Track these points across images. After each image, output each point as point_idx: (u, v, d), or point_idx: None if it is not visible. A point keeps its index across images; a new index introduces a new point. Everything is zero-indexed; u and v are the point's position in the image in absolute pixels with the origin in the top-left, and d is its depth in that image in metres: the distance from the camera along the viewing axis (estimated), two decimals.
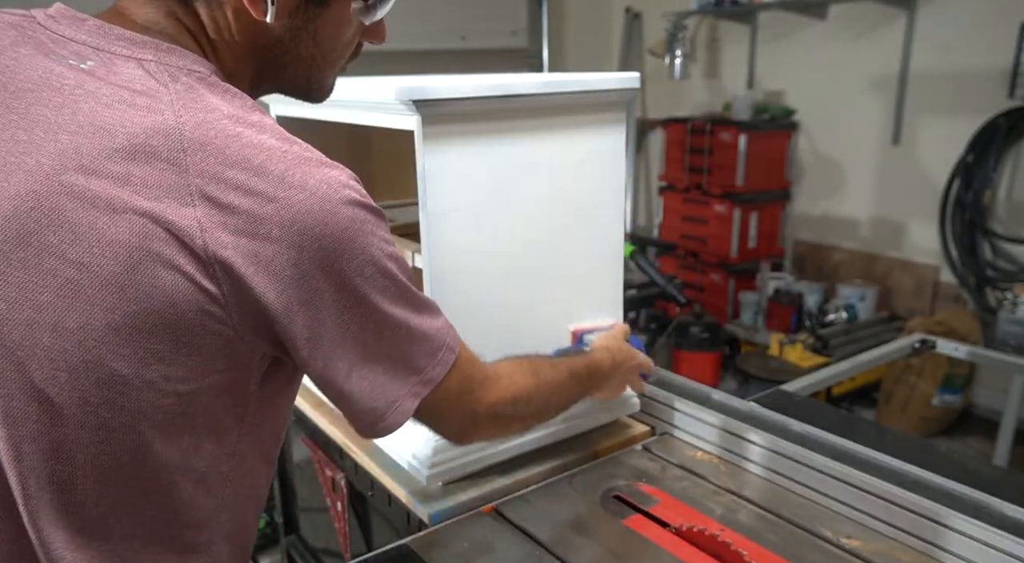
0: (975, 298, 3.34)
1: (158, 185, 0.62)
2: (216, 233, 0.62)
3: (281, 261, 0.64)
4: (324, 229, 0.65)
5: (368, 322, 0.71)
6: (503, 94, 1.04)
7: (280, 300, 0.65)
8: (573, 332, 1.20)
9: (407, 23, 4.06)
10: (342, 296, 0.68)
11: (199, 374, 0.66)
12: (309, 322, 0.67)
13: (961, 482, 1.03)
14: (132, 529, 0.69)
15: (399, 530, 1.14)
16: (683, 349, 3.36)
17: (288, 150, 0.66)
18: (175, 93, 0.65)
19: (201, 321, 0.64)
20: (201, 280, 0.62)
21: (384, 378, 0.74)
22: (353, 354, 0.71)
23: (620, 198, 1.23)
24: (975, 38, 3.23)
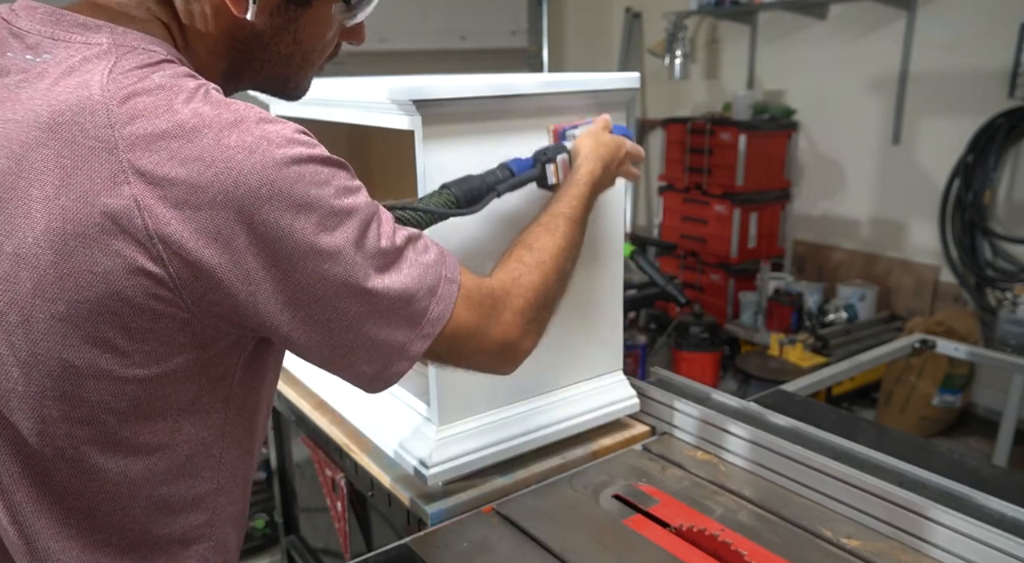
0: (975, 298, 3.34)
1: (88, 166, 0.59)
2: (156, 209, 0.59)
3: (230, 229, 0.60)
4: (272, 188, 0.61)
5: (348, 278, 0.67)
6: (503, 94, 1.04)
7: (237, 272, 0.62)
8: (553, 129, 1.09)
9: (407, 23, 4.06)
10: (308, 257, 0.64)
11: (157, 359, 0.64)
12: (278, 292, 0.64)
13: (961, 482, 1.03)
14: (124, 519, 0.69)
15: (399, 530, 1.14)
16: (683, 349, 3.36)
17: (222, 112, 0.62)
18: (110, 70, 0.62)
19: (150, 305, 0.61)
20: (144, 262, 0.59)
21: (386, 329, 0.70)
22: (343, 318, 0.68)
23: (620, 198, 1.23)
24: (975, 38, 3.23)
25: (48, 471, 0.65)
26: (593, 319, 1.24)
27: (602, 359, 1.27)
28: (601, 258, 1.23)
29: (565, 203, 0.95)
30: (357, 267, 0.67)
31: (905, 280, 3.63)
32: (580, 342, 1.23)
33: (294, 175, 0.62)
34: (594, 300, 1.23)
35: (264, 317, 0.65)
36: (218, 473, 0.73)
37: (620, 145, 1.07)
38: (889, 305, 3.68)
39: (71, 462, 0.65)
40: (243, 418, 0.74)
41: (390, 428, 1.18)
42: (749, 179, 3.79)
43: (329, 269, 0.65)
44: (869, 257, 3.77)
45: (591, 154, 1.02)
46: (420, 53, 4.11)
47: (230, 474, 0.75)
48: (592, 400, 1.24)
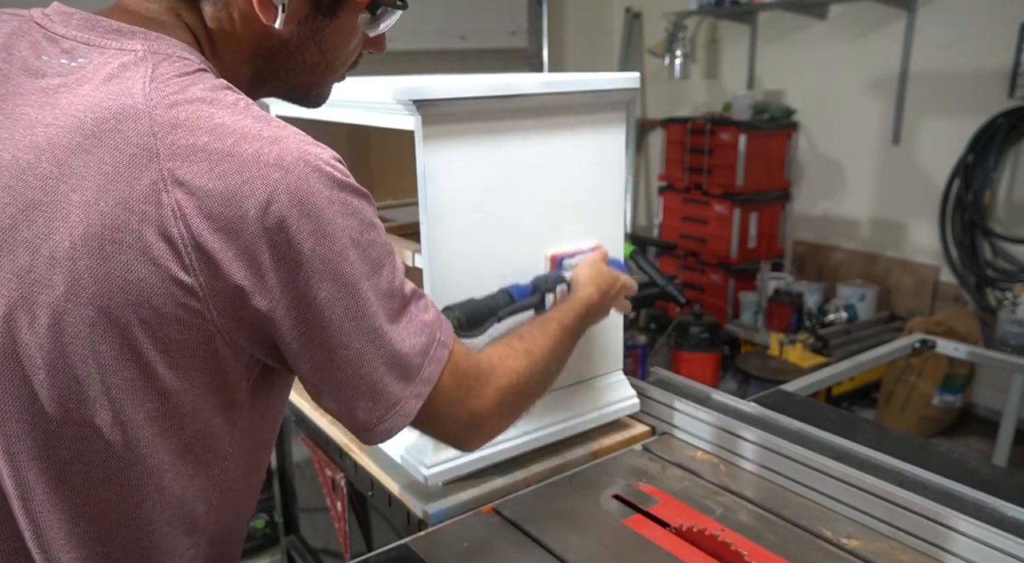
0: (975, 298, 3.34)
1: (129, 173, 0.60)
2: (192, 219, 0.60)
3: (258, 245, 0.61)
4: (302, 210, 0.62)
5: (358, 311, 0.67)
6: (503, 94, 1.04)
7: (261, 287, 0.63)
8: (551, 257, 1.14)
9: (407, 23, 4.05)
10: (326, 282, 0.65)
11: (179, 372, 0.64)
12: (292, 310, 0.65)
13: (961, 482, 1.03)
14: (130, 535, 0.68)
15: (399, 530, 1.14)
16: (683, 349, 3.36)
17: (263, 128, 0.64)
18: (151, 77, 0.63)
19: (178, 315, 0.61)
20: (177, 271, 0.60)
21: (384, 378, 0.71)
22: (347, 351, 0.68)
23: (620, 198, 1.23)
24: (975, 38, 3.23)
25: (64, 475, 0.65)
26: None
27: (602, 359, 1.27)
28: None
29: (561, 313, 0.98)
30: (369, 303, 0.68)
31: (905, 280, 3.63)
32: (580, 342, 1.23)
33: (326, 201, 0.63)
34: None
35: (279, 335, 0.66)
36: (212, 495, 0.73)
37: (616, 277, 1.11)
38: (889, 305, 3.68)
39: (87, 466, 0.65)
40: (248, 444, 0.75)
41: None
42: (749, 179, 3.79)
43: (343, 298, 0.66)
44: (869, 257, 3.77)
45: (589, 282, 1.06)
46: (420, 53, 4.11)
47: (222, 499, 0.74)
48: (592, 400, 1.24)
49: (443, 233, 1.04)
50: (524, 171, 1.11)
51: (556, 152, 1.13)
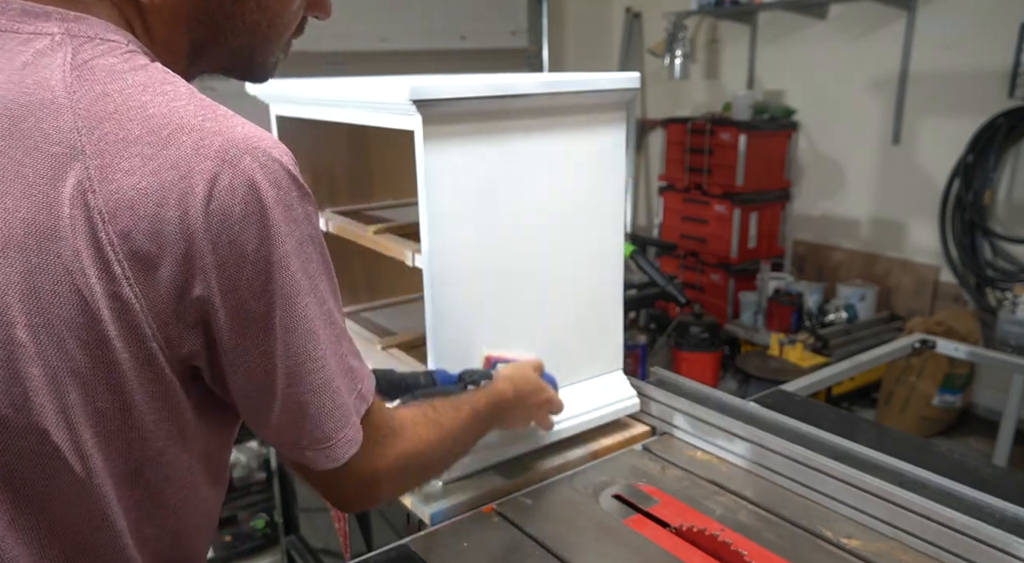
0: (975, 298, 3.34)
1: (52, 174, 0.54)
2: (123, 222, 0.54)
3: (199, 248, 0.56)
4: (246, 208, 0.57)
5: (298, 327, 0.62)
6: (503, 94, 1.04)
7: (202, 294, 0.57)
8: (486, 358, 1.13)
9: (407, 23, 4.06)
10: (268, 291, 0.60)
11: (124, 397, 0.58)
12: (232, 320, 0.59)
13: (961, 482, 1.03)
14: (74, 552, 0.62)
15: (399, 530, 1.14)
16: (683, 349, 3.36)
17: (206, 117, 0.57)
18: (71, 65, 0.57)
19: (116, 332, 0.56)
20: (108, 284, 0.55)
21: (333, 390, 0.66)
22: (286, 363, 0.62)
23: (620, 198, 1.23)
24: (975, 38, 3.23)
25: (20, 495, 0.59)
26: (593, 319, 1.24)
27: (602, 359, 1.27)
28: (601, 258, 1.23)
29: (474, 398, 0.95)
30: (308, 319, 0.63)
31: (905, 280, 3.63)
32: (580, 342, 1.23)
33: (272, 200, 0.58)
34: (594, 300, 1.23)
35: (217, 343, 0.61)
36: (167, 520, 0.68)
37: (541, 389, 1.08)
38: (889, 305, 3.68)
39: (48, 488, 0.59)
40: (204, 467, 0.69)
41: None
42: (749, 179, 3.79)
43: (284, 308, 0.61)
44: (869, 257, 3.77)
45: (508, 379, 1.03)
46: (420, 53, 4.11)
47: (178, 523, 0.69)
48: (592, 400, 1.24)
49: (443, 233, 1.04)
50: (524, 171, 1.11)
51: (556, 152, 1.13)
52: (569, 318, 1.21)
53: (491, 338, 1.12)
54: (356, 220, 1.37)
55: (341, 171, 1.55)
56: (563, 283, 1.19)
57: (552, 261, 1.17)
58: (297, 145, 1.40)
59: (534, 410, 1.09)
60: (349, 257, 1.57)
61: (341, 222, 1.37)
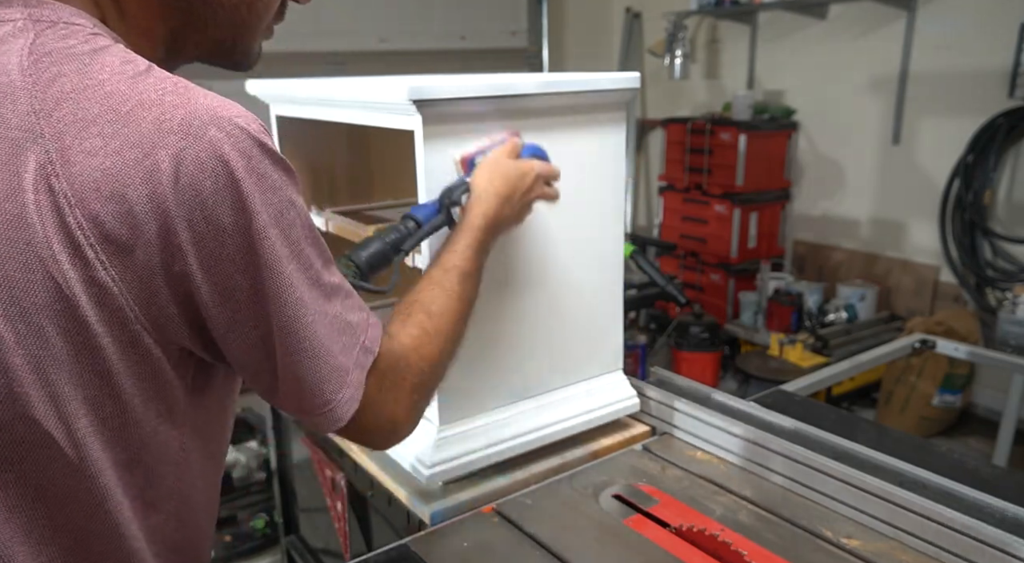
0: (975, 298, 3.34)
1: (14, 161, 0.53)
2: (91, 205, 0.53)
3: (173, 224, 0.55)
4: (216, 181, 0.55)
5: (283, 298, 0.61)
6: (503, 94, 1.04)
7: (181, 272, 0.56)
8: (461, 160, 1.01)
9: (407, 23, 4.06)
10: (249, 263, 0.59)
11: (111, 380, 0.58)
12: (218, 295, 0.58)
13: (961, 482, 1.03)
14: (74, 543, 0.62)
15: (399, 530, 1.14)
16: (683, 349, 3.36)
17: (166, 91, 0.56)
18: (30, 50, 0.56)
19: (97, 317, 0.55)
20: (83, 269, 0.54)
21: (326, 353, 0.65)
22: (279, 332, 0.62)
23: (620, 198, 1.23)
24: (975, 38, 3.23)
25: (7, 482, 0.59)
26: (593, 319, 1.24)
27: (602, 359, 1.27)
28: (601, 258, 1.23)
29: (458, 255, 0.87)
30: (292, 288, 0.62)
31: (905, 280, 3.63)
32: (580, 342, 1.23)
33: (243, 169, 0.57)
34: (594, 300, 1.23)
35: (207, 320, 0.60)
36: (169, 503, 0.68)
37: (524, 173, 0.97)
38: (889, 305, 3.68)
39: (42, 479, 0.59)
40: (201, 447, 0.69)
41: None
42: (749, 179, 3.79)
43: (268, 280, 0.60)
44: (869, 257, 3.77)
45: (485, 191, 0.94)
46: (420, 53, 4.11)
47: (179, 505, 0.69)
48: (592, 400, 1.24)
49: (443, 233, 1.04)
50: None
51: (556, 152, 1.13)
52: (569, 318, 1.21)
53: (492, 337, 1.12)
54: (356, 220, 1.37)
55: (341, 171, 1.55)
56: (563, 283, 1.19)
57: (552, 261, 1.17)
58: (297, 145, 1.41)
59: (527, 198, 0.99)
60: None
61: (341, 222, 1.37)
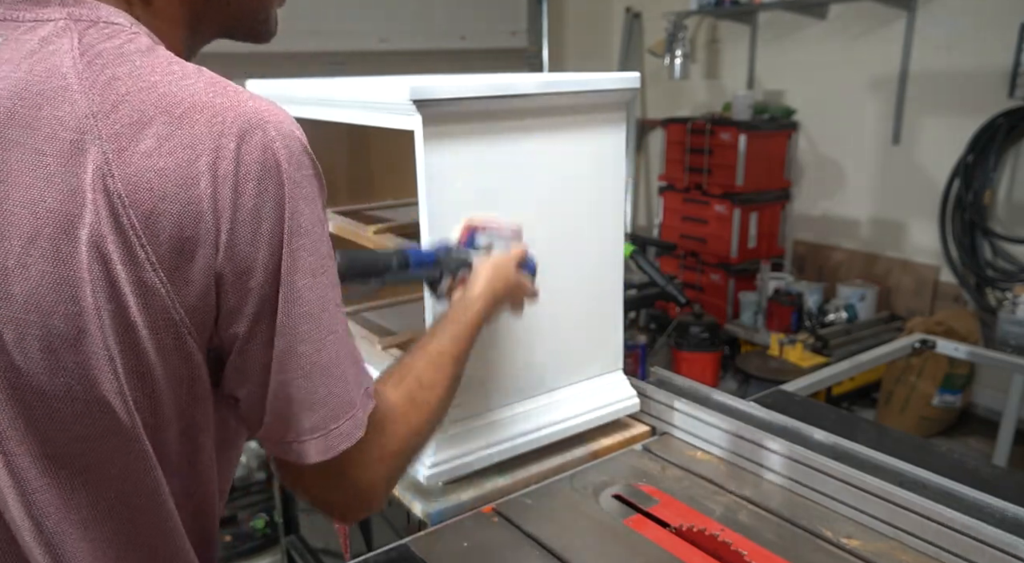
0: (975, 298, 3.34)
1: (73, 161, 0.54)
2: (144, 205, 0.54)
3: (222, 224, 0.56)
4: (262, 185, 0.57)
5: (322, 305, 0.62)
6: (503, 94, 1.04)
7: (228, 273, 0.57)
8: (465, 226, 1.03)
9: (407, 23, 4.06)
10: (288, 263, 0.59)
11: (151, 381, 0.58)
12: (249, 301, 0.59)
13: (961, 482, 1.03)
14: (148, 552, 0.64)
15: (399, 530, 1.14)
16: (683, 349, 3.36)
17: (216, 94, 0.57)
18: (80, 50, 0.57)
19: (144, 320, 0.56)
20: (134, 269, 0.54)
21: (340, 375, 0.65)
22: (303, 344, 0.62)
23: (620, 198, 1.23)
24: (975, 38, 3.23)
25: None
26: (593, 319, 1.24)
27: (602, 359, 1.27)
28: (601, 258, 1.23)
29: (455, 343, 0.88)
30: (328, 300, 0.63)
31: (905, 280, 3.63)
32: (580, 342, 1.23)
33: (288, 175, 0.58)
34: (594, 300, 1.23)
35: (237, 324, 0.60)
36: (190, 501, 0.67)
37: (520, 286, 1.02)
38: (889, 305, 3.69)
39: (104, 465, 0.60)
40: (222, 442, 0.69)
41: None
42: (749, 179, 3.79)
43: (309, 286, 0.61)
44: (869, 257, 3.77)
45: (488, 289, 0.96)
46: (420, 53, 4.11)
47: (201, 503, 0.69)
48: (592, 400, 1.24)
49: (443, 233, 1.04)
50: (524, 171, 1.11)
51: (556, 152, 1.13)
52: (569, 318, 1.21)
53: (492, 338, 1.12)
54: (356, 220, 1.37)
55: (341, 171, 1.55)
56: (563, 283, 1.19)
57: (552, 261, 1.17)
58: None
59: (508, 308, 1.03)
60: None
61: (341, 222, 1.37)
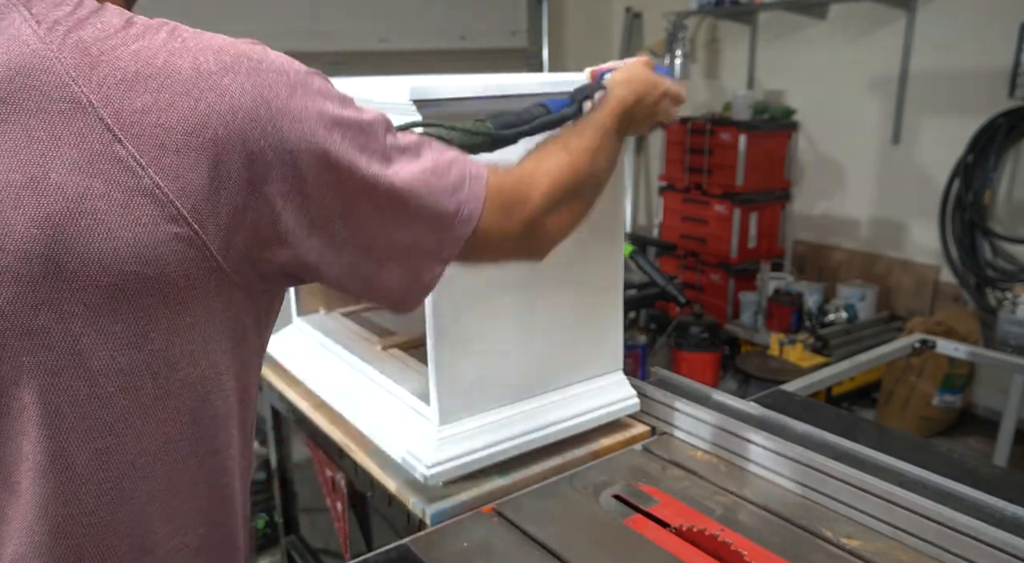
0: (975, 298, 3.34)
1: (67, 132, 0.53)
2: (163, 161, 0.54)
3: (239, 161, 0.57)
4: (270, 107, 0.58)
5: (368, 189, 0.63)
6: (503, 94, 1.04)
7: (260, 207, 0.58)
8: (591, 72, 1.06)
9: (407, 23, 4.06)
10: (327, 173, 0.61)
11: (195, 333, 0.60)
12: (304, 218, 0.61)
13: (961, 482, 1.03)
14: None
15: (399, 530, 1.14)
16: (683, 349, 3.36)
17: (184, 39, 0.58)
18: (37, 20, 0.55)
19: (182, 272, 0.57)
20: (166, 225, 0.55)
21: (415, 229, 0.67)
22: (372, 229, 0.65)
23: (620, 198, 1.23)
24: (975, 38, 3.23)
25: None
26: (593, 319, 1.24)
27: (602, 359, 1.27)
28: (601, 258, 1.23)
29: (594, 117, 0.91)
30: (374, 175, 0.64)
31: (905, 280, 3.63)
32: (580, 342, 1.23)
33: (287, 89, 0.59)
34: (594, 300, 1.23)
35: (297, 249, 0.62)
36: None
37: (657, 83, 1.00)
38: (889, 305, 3.69)
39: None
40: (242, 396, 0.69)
41: (390, 428, 1.18)
42: (749, 179, 3.79)
43: (348, 180, 0.62)
44: (869, 257, 3.77)
45: (624, 84, 0.97)
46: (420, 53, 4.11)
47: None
48: (592, 400, 1.24)
49: None
50: None
51: None
52: (569, 318, 1.21)
53: (492, 337, 1.12)
54: None
55: None
56: (563, 283, 1.19)
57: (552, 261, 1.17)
58: None
59: (656, 108, 1.02)
60: None
61: None
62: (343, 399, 1.32)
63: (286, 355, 1.51)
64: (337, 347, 1.40)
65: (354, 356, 1.34)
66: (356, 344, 1.40)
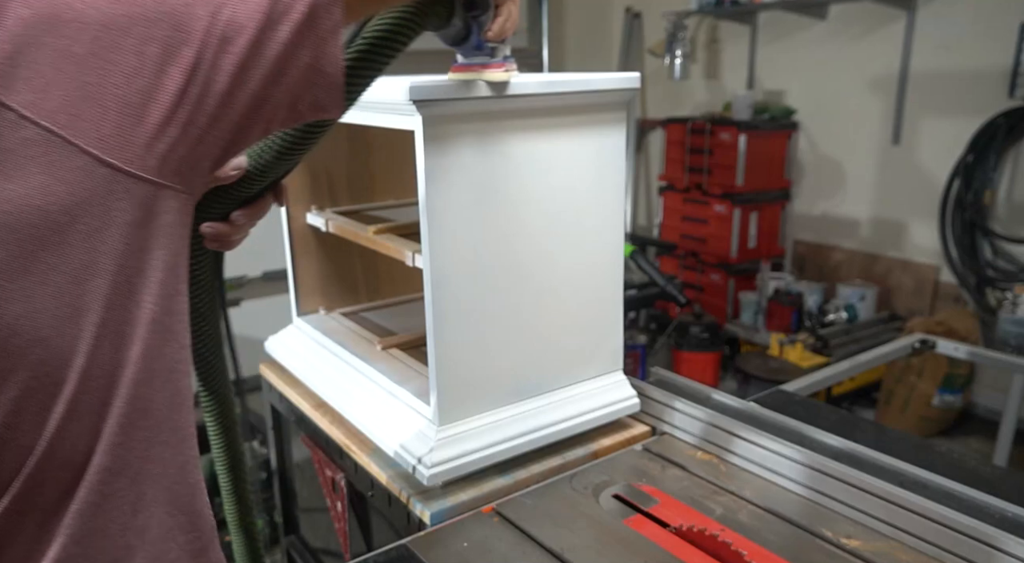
0: (975, 298, 3.34)
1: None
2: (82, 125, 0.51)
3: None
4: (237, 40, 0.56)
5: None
6: (503, 94, 1.04)
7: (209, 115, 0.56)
8: None
9: None
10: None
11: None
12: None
13: (961, 482, 1.03)
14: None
15: (399, 530, 1.14)
16: (683, 349, 3.36)
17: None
18: None
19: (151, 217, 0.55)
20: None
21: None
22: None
23: (620, 198, 1.23)
24: (975, 38, 3.23)
25: None
26: (593, 319, 1.24)
27: (602, 359, 1.27)
28: (601, 258, 1.23)
29: None
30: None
31: (905, 280, 3.64)
32: (580, 342, 1.23)
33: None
34: (594, 300, 1.24)
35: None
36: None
37: None
38: (889, 305, 3.69)
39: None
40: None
41: (390, 428, 1.18)
42: (749, 179, 3.79)
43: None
44: (869, 257, 3.78)
45: None
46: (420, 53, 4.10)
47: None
48: (592, 400, 1.24)
49: (443, 233, 1.04)
50: (524, 171, 1.11)
51: (556, 152, 1.13)
52: (569, 318, 1.21)
53: (492, 338, 1.12)
54: (356, 220, 1.37)
55: (341, 171, 1.55)
56: (563, 283, 1.19)
57: (552, 261, 1.17)
58: None
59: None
60: (349, 257, 1.57)
61: (341, 222, 1.37)
62: (343, 399, 1.32)
63: (286, 355, 1.51)
64: (337, 347, 1.40)
65: (354, 356, 1.34)
66: (356, 344, 1.40)
